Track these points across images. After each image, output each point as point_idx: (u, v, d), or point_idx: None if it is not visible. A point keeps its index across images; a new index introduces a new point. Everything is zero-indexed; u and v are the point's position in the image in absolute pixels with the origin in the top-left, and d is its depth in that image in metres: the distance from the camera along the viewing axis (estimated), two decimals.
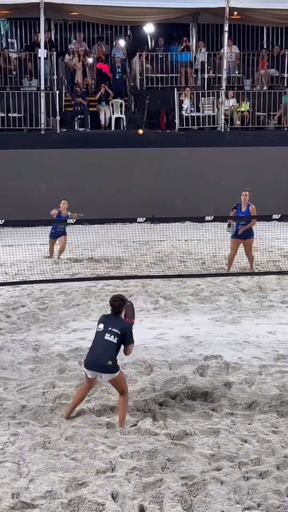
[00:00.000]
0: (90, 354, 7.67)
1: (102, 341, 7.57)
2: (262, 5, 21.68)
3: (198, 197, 20.74)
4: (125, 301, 7.85)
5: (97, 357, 7.54)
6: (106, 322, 7.71)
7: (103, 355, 7.50)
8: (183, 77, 23.21)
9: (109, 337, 7.56)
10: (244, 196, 14.55)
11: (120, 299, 7.80)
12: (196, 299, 12.89)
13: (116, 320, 7.74)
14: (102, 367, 7.51)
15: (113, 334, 7.57)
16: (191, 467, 6.66)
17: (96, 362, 7.55)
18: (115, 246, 17.04)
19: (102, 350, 7.54)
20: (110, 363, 7.48)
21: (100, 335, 7.62)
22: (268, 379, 8.90)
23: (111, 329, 7.59)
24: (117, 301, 7.77)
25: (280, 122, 22.44)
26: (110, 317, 7.80)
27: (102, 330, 7.63)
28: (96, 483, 6.41)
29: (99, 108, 22.42)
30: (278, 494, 6.23)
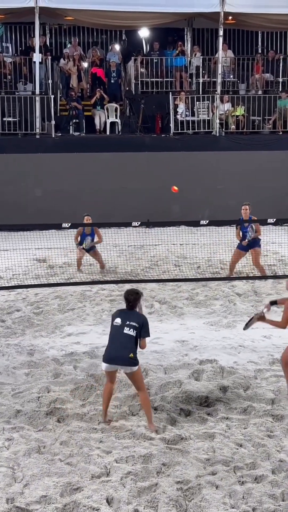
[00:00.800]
0: (110, 348, 7.62)
1: (121, 335, 7.55)
2: (257, 10, 21.71)
3: (193, 201, 20.74)
4: (140, 295, 7.85)
5: (118, 351, 7.52)
6: (123, 316, 7.70)
7: (124, 348, 7.50)
8: (178, 82, 23.23)
9: (128, 331, 7.56)
10: (244, 211, 14.53)
11: (135, 293, 7.80)
12: (191, 303, 12.88)
13: (132, 313, 7.73)
14: (124, 360, 7.51)
15: (132, 328, 7.57)
16: (186, 472, 6.66)
17: (117, 355, 7.53)
18: (110, 250, 17.03)
19: (122, 344, 7.52)
20: (132, 355, 7.49)
21: (118, 329, 7.60)
22: (263, 383, 8.90)
23: (130, 322, 7.59)
24: (132, 295, 7.77)
25: (275, 127, 22.46)
26: (125, 312, 7.79)
27: (120, 324, 7.62)
28: (91, 487, 6.39)
29: (94, 113, 22.43)
30: (273, 499, 6.23)
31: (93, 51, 24.11)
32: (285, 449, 7.10)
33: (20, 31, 25.69)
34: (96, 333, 11.21)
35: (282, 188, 21.10)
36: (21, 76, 22.56)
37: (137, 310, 7.82)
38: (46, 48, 23.43)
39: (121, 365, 7.59)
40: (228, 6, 21.11)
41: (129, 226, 15.00)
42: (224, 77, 23.11)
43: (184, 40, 25.05)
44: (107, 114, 22.39)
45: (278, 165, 21.36)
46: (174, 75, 23.24)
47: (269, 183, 21.06)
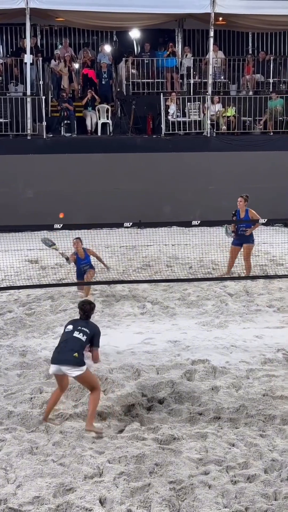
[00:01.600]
0: (56, 350, 7.80)
1: (70, 338, 7.73)
2: (247, 11, 21.75)
3: (184, 202, 20.76)
4: (94, 306, 8.22)
5: (63, 352, 7.65)
6: (76, 324, 7.94)
7: (70, 350, 7.62)
8: (169, 83, 23.26)
9: (77, 334, 7.75)
10: (239, 202, 14.58)
11: (89, 303, 8.15)
12: (183, 303, 12.90)
13: (86, 322, 7.98)
14: (67, 360, 7.58)
15: (82, 332, 7.78)
16: (178, 472, 6.67)
17: (62, 356, 7.64)
18: (102, 251, 17.01)
19: (69, 346, 7.66)
20: (76, 355, 7.58)
21: (68, 334, 7.81)
22: (256, 383, 8.92)
23: (81, 328, 7.82)
24: (87, 305, 8.09)
25: (266, 127, 22.51)
26: (79, 321, 8.04)
27: (71, 330, 7.83)
28: (84, 488, 6.40)
29: (85, 114, 22.42)
30: (266, 498, 6.25)
31: (84, 52, 24.12)
32: (277, 449, 7.12)
33: (11, 32, 25.65)
34: None
35: (273, 188, 21.14)
36: (12, 77, 22.53)
37: (90, 320, 8.07)
38: (37, 49, 23.39)
39: (66, 365, 7.61)
40: (219, 7, 21.15)
41: (120, 227, 14.96)
42: (215, 78, 23.15)
43: (175, 41, 25.07)
44: (99, 115, 22.39)
45: (269, 165, 21.41)
46: (165, 76, 23.27)
47: (260, 183, 21.08)
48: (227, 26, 23.59)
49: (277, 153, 21.52)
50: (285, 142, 21.90)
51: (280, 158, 21.51)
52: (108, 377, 8.99)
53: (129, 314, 12.29)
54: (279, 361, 9.75)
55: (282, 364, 9.64)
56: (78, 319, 8.13)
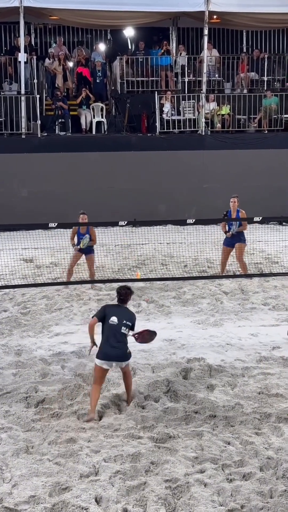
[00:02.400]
0: (108, 346, 7.99)
1: (119, 334, 7.97)
2: (241, 9, 21.76)
3: (179, 200, 20.77)
4: (131, 291, 8.40)
5: (117, 349, 7.93)
6: (119, 314, 8.11)
7: (122, 345, 7.97)
8: (164, 81, 23.25)
9: (124, 330, 8.03)
10: (233, 203, 14.54)
11: (127, 288, 8.35)
12: (178, 302, 12.90)
13: (126, 311, 8.22)
14: (123, 356, 7.99)
15: (127, 327, 8.06)
16: (174, 470, 6.67)
17: (118, 354, 7.96)
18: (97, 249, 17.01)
19: (120, 341, 7.96)
20: (129, 351, 8.06)
21: (115, 328, 8.01)
22: (251, 381, 8.93)
23: (126, 322, 8.06)
24: (124, 290, 8.30)
25: (260, 125, 22.52)
26: (120, 308, 8.24)
27: (118, 324, 8.03)
28: (80, 487, 6.39)
29: (80, 112, 22.40)
30: (262, 496, 6.25)
31: (79, 51, 24.10)
32: (273, 447, 7.13)
33: (5, 31, 25.58)
34: (84, 332, 11.13)
35: (267, 186, 21.17)
36: (6, 76, 22.48)
37: (127, 306, 8.32)
38: (31, 48, 23.36)
39: (122, 361, 8.04)
40: (213, 5, 21.14)
41: (115, 225, 15.02)
42: (209, 76, 23.15)
43: (169, 40, 25.06)
44: (93, 113, 22.37)
45: (264, 163, 21.42)
46: (159, 75, 23.26)
47: (255, 181, 21.11)
48: (221, 24, 23.59)
49: (272, 151, 21.54)
50: (280, 140, 21.93)
51: (274, 156, 21.54)
52: None
53: None
54: (274, 359, 9.76)
55: (277, 362, 9.65)
56: (117, 305, 8.33)
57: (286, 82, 24.01)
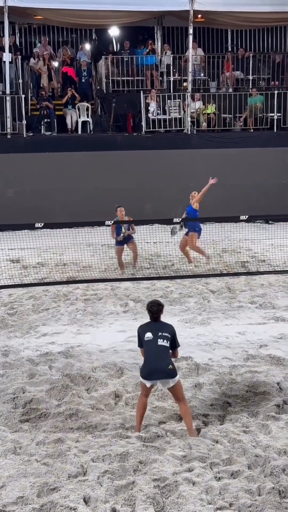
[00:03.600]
0: (148, 364, 7.46)
1: (156, 348, 7.44)
2: (226, 8, 21.79)
3: (166, 200, 20.77)
4: (163, 306, 7.80)
5: (157, 364, 7.39)
6: (152, 329, 7.58)
7: (162, 361, 7.39)
8: (149, 80, 23.26)
9: (162, 342, 7.47)
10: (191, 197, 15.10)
11: (157, 304, 7.76)
12: (165, 301, 12.88)
13: (160, 324, 7.67)
14: (164, 373, 7.37)
15: (165, 339, 7.50)
16: (163, 469, 6.67)
17: (156, 370, 7.39)
18: (84, 249, 17.01)
19: (159, 357, 7.40)
20: (171, 367, 7.38)
21: (152, 343, 7.48)
22: (238, 379, 8.95)
23: (162, 334, 7.52)
24: (155, 307, 7.71)
25: (246, 124, 22.58)
26: (153, 324, 7.68)
27: (153, 338, 7.49)
28: (68, 487, 6.38)
29: (66, 112, 22.36)
30: (250, 494, 6.27)
31: (64, 50, 24.06)
32: (261, 444, 7.15)
33: None
34: (71, 332, 11.19)
35: (254, 185, 21.22)
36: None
37: (162, 320, 7.75)
38: (15, 48, 23.30)
39: (163, 378, 7.41)
40: (198, 4, 21.17)
41: (102, 225, 15.00)
42: (195, 75, 23.18)
43: (154, 39, 25.08)
44: (79, 113, 22.35)
45: (250, 162, 21.47)
46: (145, 74, 23.27)
47: (241, 180, 21.16)
48: (206, 24, 23.62)
49: (258, 150, 21.59)
50: (265, 139, 21.99)
51: (260, 154, 21.59)
52: (91, 376, 8.97)
53: (111, 312, 12.28)
54: (261, 357, 9.78)
55: (265, 360, 9.67)
56: (150, 322, 7.72)
57: (271, 80, 24.09)
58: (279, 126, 22.50)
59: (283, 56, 24.34)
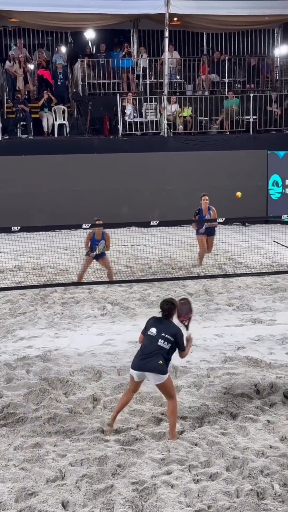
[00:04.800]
0: (140, 355, 7.50)
1: (155, 346, 7.44)
2: (201, 11, 21.89)
3: (143, 202, 20.80)
4: (176, 305, 7.74)
5: (148, 358, 7.41)
6: (159, 326, 7.58)
7: (155, 356, 7.40)
8: (125, 83, 23.27)
9: (162, 343, 7.46)
10: (205, 201, 14.92)
11: (170, 303, 7.71)
12: (143, 304, 12.90)
13: (168, 325, 7.61)
14: (152, 367, 7.37)
15: (166, 341, 7.48)
16: (141, 472, 6.67)
17: (146, 362, 7.40)
18: (61, 253, 16.96)
19: (153, 352, 7.42)
20: (161, 362, 7.38)
21: (152, 340, 7.49)
22: (216, 382, 8.96)
23: (165, 335, 7.49)
24: (167, 305, 7.68)
25: (222, 127, 22.68)
26: (162, 321, 7.65)
27: (155, 335, 7.50)
28: (46, 492, 6.36)
29: (42, 115, 22.30)
30: (228, 496, 6.28)
31: (39, 53, 23.99)
32: (239, 446, 7.17)
33: None
34: (49, 336, 11.14)
35: (230, 187, 21.25)
36: None
37: (172, 321, 7.69)
38: None
39: (151, 372, 7.40)
40: (173, 8, 21.23)
41: (79, 228, 14.96)
42: (171, 78, 23.25)
43: (130, 42, 25.09)
44: (55, 116, 22.30)
45: (226, 164, 21.56)
46: (121, 77, 23.28)
47: (218, 182, 21.21)
48: (182, 27, 23.70)
49: (234, 152, 21.69)
50: (241, 141, 22.10)
51: (236, 157, 21.69)
52: (69, 380, 8.94)
53: (89, 315, 12.26)
54: (239, 359, 9.82)
55: (242, 362, 9.71)
56: (160, 318, 7.69)
57: (246, 83, 24.22)
58: (255, 128, 22.64)
59: (258, 59, 24.50)
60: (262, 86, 24.34)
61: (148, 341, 7.52)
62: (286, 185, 21.44)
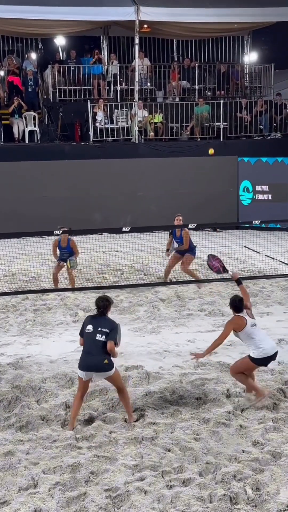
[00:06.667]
0: (84, 356, 7.79)
1: (94, 341, 7.71)
2: (171, 18, 21.98)
3: (114, 209, 20.80)
4: (110, 302, 8.09)
5: (92, 358, 7.69)
6: (94, 322, 7.87)
7: (98, 355, 7.66)
8: (96, 89, 23.29)
9: (100, 337, 7.73)
10: (178, 221, 14.59)
11: (105, 300, 8.05)
12: (115, 310, 12.87)
13: (104, 319, 7.92)
14: (98, 367, 7.70)
15: (103, 334, 7.75)
16: (114, 479, 6.65)
17: (92, 363, 7.71)
18: (32, 260, 16.88)
19: (95, 351, 7.69)
20: (106, 361, 7.67)
21: (90, 336, 7.77)
22: (189, 387, 8.98)
23: (101, 329, 7.77)
24: (102, 301, 8.01)
25: (193, 133, 22.78)
26: (97, 318, 7.97)
27: (92, 331, 7.78)
28: (19, 500, 6.31)
29: (12, 121, 22.21)
30: (201, 501, 6.29)
31: (9, 60, 23.88)
32: (212, 451, 7.18)
33: None
34: (20, 343, 11.08)
35: (201, 193, 21.40)
36: None
37: (108, 316, 8.01)
38: None
39: (96, 372, 7.78)
40: (143, 15, 21.30)
41: (51, 235, 14.91)
42: (142, 84, 23.32)
43: (101, 48, 25.13)
44: (26, 122, 22.23)
45: (197, 171, 21.65)
46: (91, 83, 23.28)
47: (189, 188, 21.33)
48: (152, 34, 23.80)
49: (204, 159, 21.80)
50: (212, 148, 22.18)
51: (207, 163, 21.79)
52: (41, 387, 8.90)
53: (61, 322, 12.22)
54: (211, 365, 9.84)
55: (215, 367, 9.73)
56: (95, 315, 8.07)
57: (217, 90, 24.37)
58: (225, 135, 22.79)
59: (228, 66, 24.68)
60: (232, 93, 24.52)
61: (87, 339, 7.80)
62: (256, 191, 21.59)
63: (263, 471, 6.76)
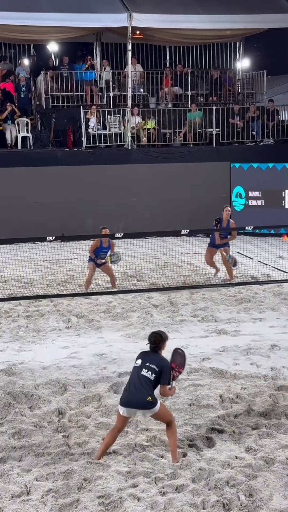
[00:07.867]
0: (127, 391, 7.23)
1: (139, 376, 7.18)
2: (163, 25, 22.07)
3: (107, 214, 20.79)
4: (164, 338, 7.49)
5: (135, 394, 7.12)
6: (144, 357, 7.34)
7: (141, 391, 7.11)
8: (89, 96, 23.33)
9: (146, 373, 7.18)
10: (227, 212, 15.31)
11: (158, 335, 7.47)
12: (108, 316, 12.88)
13: (154, 356, 7.37)
14: (141, 404, 7.11)
15: (150, 370, 7.20)
16: (107, 486, 6.63)
17: (134, 399, 7.13)
18: (25, 265, 16.87)
19: (139, 386, 7.13)
20: (150, 398, 7.09)
21: (137, 371, 7.24)
22: (182, 393, 8.97)
23: (149, 364, 7.24)
24: (154, 337, 7.43)
25: (185, 139, 22.84)
26: (148, 353, 7.41)
27: (140, 366, 7.25)
28: (11, 507, 6.29)
29: (5, 127, 22.22)
30: (194, 507, 6.28)
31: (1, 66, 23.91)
32: (205, 457, 7.18)
33: None
34: (13, 350, 11.05)
35: (194, 199, 21.43)
36: None
37: (161, 354, 7.45)
38: None
39: (140, 409, 7.18)
40: (136, 21, 21.37)
41: (43, 241, 14.92)
42: (134, 91, 23.36)
43: (93, 54, 25.18)
44: (18, 128, 22.23)
45: (190, 176, 21.69)
46: (84, 89, 23.33)
47: (181, 194, 21.36)
48: (145, 40, 23.88)
49: (197, 165, 21.85)
50: (205, 154, 22.26)
51: (200, 169, 21.84)
52: (34, 393, 8.87)
53: (54, 328, 12.19)
54: (204, 370, 9.84)
55: (208, 373, 9.73)
56: (147, 351, 7.43)
57: (209, 96, 24.44)
58: (218, 141, 22.85)
59: (220, 72, 24.76)
60: (224, 99, 24.61)
61: (133, 374, 7.31)
62: (249, 197, 21.64)
63: (256, 477, 6.75)
